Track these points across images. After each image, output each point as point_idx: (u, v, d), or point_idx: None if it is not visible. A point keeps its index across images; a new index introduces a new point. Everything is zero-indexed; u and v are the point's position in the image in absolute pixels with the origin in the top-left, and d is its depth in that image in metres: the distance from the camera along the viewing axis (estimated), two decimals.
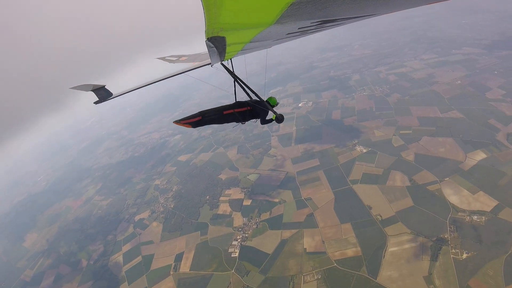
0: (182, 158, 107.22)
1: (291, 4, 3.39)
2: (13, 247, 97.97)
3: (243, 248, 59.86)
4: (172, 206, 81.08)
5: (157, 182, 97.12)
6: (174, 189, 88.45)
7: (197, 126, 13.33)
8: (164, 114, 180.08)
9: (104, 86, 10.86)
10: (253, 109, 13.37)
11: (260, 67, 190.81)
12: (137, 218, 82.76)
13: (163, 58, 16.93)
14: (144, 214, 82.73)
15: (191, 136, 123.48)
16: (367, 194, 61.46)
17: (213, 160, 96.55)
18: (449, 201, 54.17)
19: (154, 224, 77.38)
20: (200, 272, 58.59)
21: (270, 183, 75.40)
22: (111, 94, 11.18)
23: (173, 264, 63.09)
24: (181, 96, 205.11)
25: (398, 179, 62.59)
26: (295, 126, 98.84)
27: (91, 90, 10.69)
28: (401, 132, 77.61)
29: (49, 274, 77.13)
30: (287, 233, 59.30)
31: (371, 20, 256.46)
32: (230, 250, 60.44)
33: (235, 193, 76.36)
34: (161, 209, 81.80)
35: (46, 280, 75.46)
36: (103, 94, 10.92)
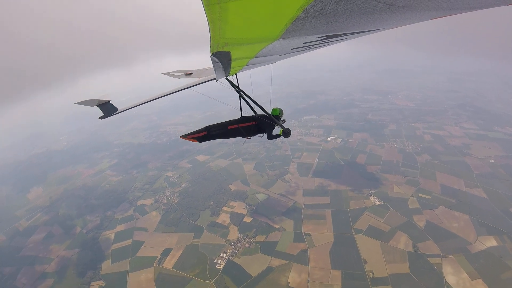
0: (200, 158, 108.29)
1: (296, 19, 3.40)
2: (17, 196, 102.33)
3: (229, 263, 59.34)
4: (176, 201, 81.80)
5: (169, 174, 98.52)
6: (182, 186, 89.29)
7: (203, 141, 13.54)
8: (196, 111, 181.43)
9: (109, 101, 10.95)
10: (259, 124, 13.35)
11: (300, 90, 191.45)
12: (139, 203, 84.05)
13: (168, 73, 16.94)
14: (147, 201, 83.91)
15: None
16: (367, 247, 59.58)
17: (228, 169, 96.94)
18: (445, 279, 51.71)
19: (154, 213, 78.22)
20: (181, 273, 58.66)
21: (276, 208, 74.61)
22: (116, 109, 11.29)
23: (159, 257, 63.56)
24: (217, 98, 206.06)
25: (402, 242, 60.25)
26: (318, 159, 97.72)
27: (96, 105, 10.87)
28: (420, 195, 74.93)
29: (42, 230, 79.48)
30: (276, 262, 58.32)
31: (421, 73, 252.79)
32: (216, 260, 60.15)
33: (239, 207, 76.13)
34: (165, 201, 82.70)
35: (37, 235, 77.79)
36: (108, 109, 11.05)
